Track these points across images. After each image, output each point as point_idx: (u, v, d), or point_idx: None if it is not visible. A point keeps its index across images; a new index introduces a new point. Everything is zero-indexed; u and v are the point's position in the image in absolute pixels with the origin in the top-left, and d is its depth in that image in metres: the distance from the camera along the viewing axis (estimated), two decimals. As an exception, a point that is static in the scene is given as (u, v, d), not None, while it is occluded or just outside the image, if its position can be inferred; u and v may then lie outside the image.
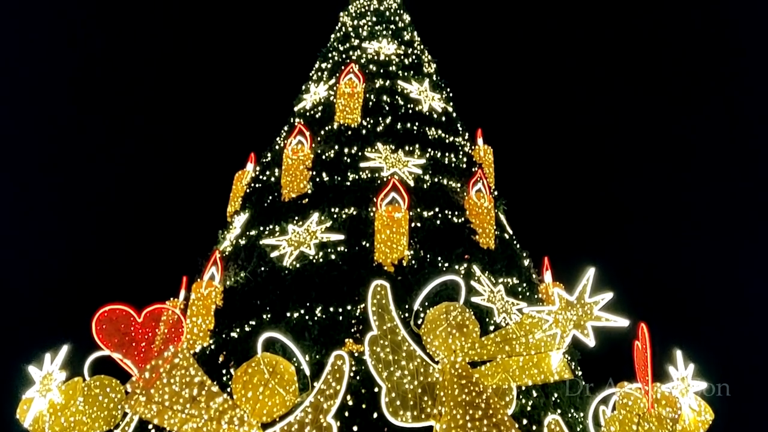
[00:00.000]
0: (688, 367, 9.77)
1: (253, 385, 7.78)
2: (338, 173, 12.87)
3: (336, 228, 11.62)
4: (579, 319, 8.46)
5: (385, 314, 8.58)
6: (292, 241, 11.51)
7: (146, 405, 7.53)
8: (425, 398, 8.10)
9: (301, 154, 13.13)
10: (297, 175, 12.92)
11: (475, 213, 12.48)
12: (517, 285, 12.05)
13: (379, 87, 15.19)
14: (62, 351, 9.03)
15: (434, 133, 14.50)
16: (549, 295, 12.43)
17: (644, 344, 8.76)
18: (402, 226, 11.14)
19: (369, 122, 14.13)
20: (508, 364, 8.71)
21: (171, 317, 8.51)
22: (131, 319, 8.32)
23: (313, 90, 16.09)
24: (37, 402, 8.60)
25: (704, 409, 9.59)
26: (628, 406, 8.54)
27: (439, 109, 15.35)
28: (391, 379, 8.13)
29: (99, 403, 8.91)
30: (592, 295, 8.63)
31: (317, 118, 14.90)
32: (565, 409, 9.97)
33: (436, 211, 12.28)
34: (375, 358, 8.24)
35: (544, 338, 8.53)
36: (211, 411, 7.55)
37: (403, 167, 12.88)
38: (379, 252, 10.92)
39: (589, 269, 8.80)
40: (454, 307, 8.73)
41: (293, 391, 7.95)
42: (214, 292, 11.18)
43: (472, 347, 8.47)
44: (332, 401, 7.76)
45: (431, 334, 8.56)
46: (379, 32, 17.34)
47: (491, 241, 12.30)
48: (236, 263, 11.90)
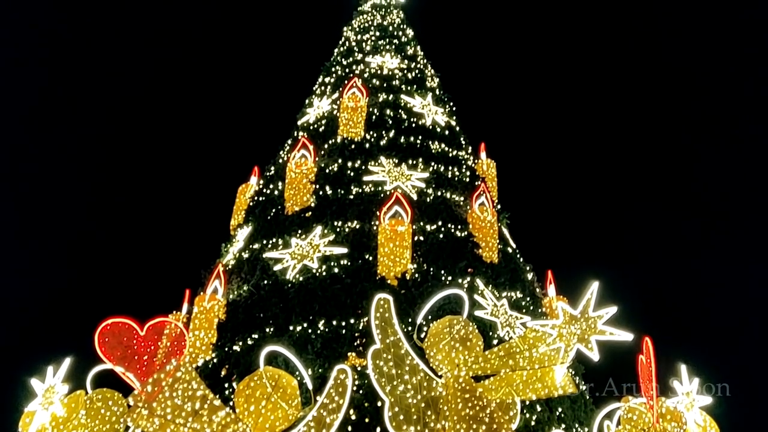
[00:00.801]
0: (693, 381, 9.71)
1: (256, 398, 7.75)
2: (341, 187, 12.88)
3: (339, 241, 11.61)
4: (583, 333, 8.44)
5: (388, 328, 8.55)
6: (295, 254, 11.50)
7: (148, 418, 7.50)
8: (428, 413, 8.05)
9: (305, 167, 13.16)
10: (300, 188, 12.94)
11: (479, 227, 12.47)
12: (521, 299, 12.02)
13: (382, 101, 15.23)
14: (64, 364, 9.00)
15: (437, 147, 14.51)
16: (553, 309, 12.39)
17: (648, 358, 8.71)
18: (405, 239, 11.15)
19: (372, 136, 14.15)
20: (512, 378, 8.67)
21: (173, 330, 8.48)
22: (134, 333, 8.30)
23: (317, 104, 16.13)
24: (39, 415, 8.56)
25: (710, 424, 9.52)
26: (633, 421, 8.48)
27: (442, 123, 15.37)
28: (394, 393, 8.09)
29: (101, 416, 8.86)
30: (596, 309, 8.62)
31: (320, 131, 14.93)
32: (570, 423, 9.92)
33: (439, 225, 12.28)
34: (378, 372, 8.20)
35: (548, 352, 8.49)
36: (213, 425, 7.52)
37: (407, 181, 12.89)
38: (382, 265, 10.92)
39: (593, 283, 8.78)
40: (458, 321, 8.70)
41: (296, 405, 7.90)
42: (217, 305, 11.17)
43: (475, 361, 8.44)
44: (335, 415, 7.71)
45: (434, 348, 8.52)
46: (382, 47, 17.41)
47: (494, 255, 12.28)
48: (239, 276, 11.90)
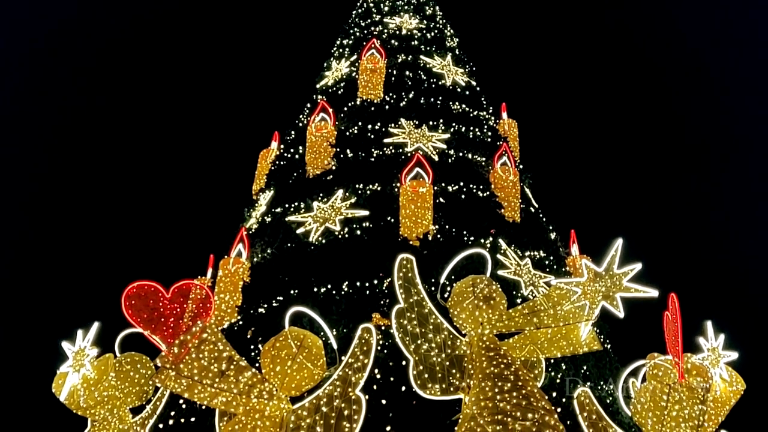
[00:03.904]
0: (719, 337, 9.66)
1: (281, 359, 7.79)
2: (362, 149, 12.84)
3: (361, 204, 11.60)
4: (608, 291, 8.37)
5: (411, 287, 8.54)
6: (317, 217, 11.53)
7: (176, 380, 7.57)
8: (453, 371, 8.05)
9: (325, 130, 13.12)
10: (321, 152, 12.91)
11: (501, 186, 12.40)
12: (544, 258, 11.97)
13: (401, 62, 15.09)
14: (93, 328, 9.14)
15: (458, 107, 14.38)
16: (576, 268, 12.34)
17: (674, 315, 8.64)
18: (426, 200, 11.10)
19: (392, 98, 14.05)
20: (537, 336, 8.65)
21: (199, 293, 8.54)
22: (160, 295, 8.36)
23: (335, 67, 16.03)
24: (71, 377, 8.73)
25: (735, 380, 9.48)
26: (658, 377, 8.43)
27: (462, 83, 15.21)
28: (418, 352, 8.10)
29: (131, 378, 9.04)
30: (621, 266, 8.55)
31: (340, 94, 14.85)
32: (595, 381, 9.92)
33: (460, 186, 12.21)
34: (402, 331, 8.21)
35: (573, 310, 8.42)
36: (240, 385, 7.58)
37: (427, 142, 12.82)
38: (404, 227, 10.90)
39: (617, 240, 8.70)
40: (481, 280, 8.64)
41: (321, 365, 7.95)
42: (242, 268, 11.25)
43: (499, 319, 8.40)
44: (360, 374, 7.73)
45: (458, 307, 8.50)
46: (400, 7, 17.19)
47: (517, 215, 12.23)
48: (262, 240, 11.97)
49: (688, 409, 8.25)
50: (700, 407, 8.27)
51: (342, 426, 7.36)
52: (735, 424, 9.72)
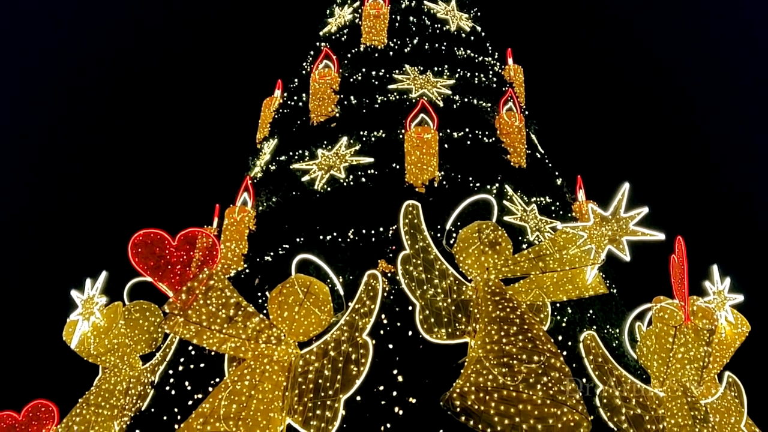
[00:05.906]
0: (725, 281, 9.69)
1: (289, 305, 7.83)
2: (366, 96, 12.70)
3: (365, 151, 11.53)
4: (614, 234, 8.37)
5: (417, 233, 8.53)
6: (322, 164, 11.47)
7: (185, 326, 7.64)
8: (459, 315, 8.10)
9: (328, 77, 12.98)
10: (324, 99, 12.79)
11: (506, 132, 12.29)
12: (550, 204, 11.93)
13: (405, 7, 14.85)
14: (101, 277, 9.21)
15: (463, 53, 14.18)
16: (583, 214, 12.30)
17: (681, 258, 8.65)
18: (432, 146, 11.02)
19: (396, 44, 13.84)
20: (542, 280, 8.67)
21: (205, 241, 8.56)
22: (166, 243, 8.39)
23: (338, 13, 15.79)
24: (81, 324, 8.84)
25: (740, 322, 9.54)
26: (664, 320, 8.48)
27: (467, 28, 14.97)
28: (424, 297, 8.13)
29: (140, 326, 9.16)
30: (627, 210, 8.52)
31: (343, 41, 14.64)
32: (601, 324, 9.97)
33: (466, 132, 12.09)
34: (408, 277, 8.23)
35: (579, 253, 8.42)
36: (248, 331, 7.64)
37: (432, 88, 12.68)
38: (409, 173, 10.85)
39: (623, 185, 8.65)
40: (487, 225, 8.63)
41: (328, 311, 7.99)
42: (247, 216, 11.26)
43: (505, 264, 8.41)
44: (367, 319, 7.77)
45: (464, 253, 8.51)
46: (403, -49, 16.79)
47: (523, 160, 12.15)
48: (267, 188, 11.93)
49: (693, 351, 8.33)
50: (705, 349, 8.34)
51: (350, 370, 7.43)
52: (739, 366, 9.83)
